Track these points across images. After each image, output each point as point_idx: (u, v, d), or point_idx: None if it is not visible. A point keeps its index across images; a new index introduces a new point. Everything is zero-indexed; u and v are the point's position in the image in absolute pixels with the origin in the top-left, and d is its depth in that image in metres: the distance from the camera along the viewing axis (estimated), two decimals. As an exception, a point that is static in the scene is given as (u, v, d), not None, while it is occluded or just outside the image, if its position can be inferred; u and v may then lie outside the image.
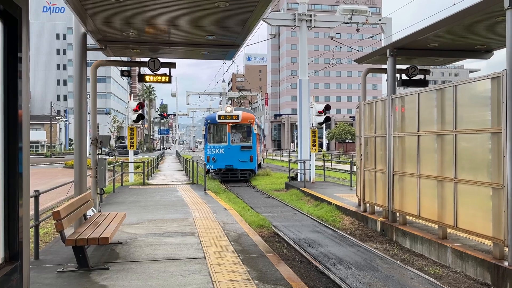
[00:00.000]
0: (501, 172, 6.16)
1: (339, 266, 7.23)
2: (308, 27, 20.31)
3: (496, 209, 6.29)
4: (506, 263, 6.06)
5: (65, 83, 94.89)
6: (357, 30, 21.32)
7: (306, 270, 7.03)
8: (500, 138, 6.19)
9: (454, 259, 7.06)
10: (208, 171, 21.17)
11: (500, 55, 8.76)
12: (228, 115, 21.90)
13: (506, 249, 6.15)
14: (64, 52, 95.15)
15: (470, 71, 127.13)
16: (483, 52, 9.89)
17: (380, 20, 21.74)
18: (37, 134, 76.82)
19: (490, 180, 6.41)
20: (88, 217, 7.28)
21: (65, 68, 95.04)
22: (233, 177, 21.70)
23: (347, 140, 73.19)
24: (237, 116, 21.99)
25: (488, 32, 8.14)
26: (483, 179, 6.58)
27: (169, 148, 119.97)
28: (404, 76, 10.51)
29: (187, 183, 18.76)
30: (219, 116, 22.00)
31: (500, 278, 6.06)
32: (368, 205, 10.66)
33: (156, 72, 9.45)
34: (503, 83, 6.07)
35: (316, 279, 6.63)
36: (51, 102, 77.12)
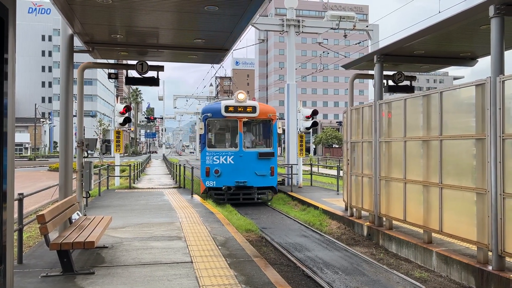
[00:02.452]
0: (485, 177, 6.26)
1: (326, 271, 7.25)
2: (296, 32, 20.44)
3: (480, 214, 6.39)
4: (490, 268, 6.15)
5: (50, 85, 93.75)
6: (345, 36, 21.52)
7: (293, 275, 7.03)
8: (484, 144, 6.30)
9: (439, 263, 7.13)
10: (207, 190, 14.76)
11: (484, 62, 8.93)
12: (240, 106, 14.85)
13: (490, 253, 6.24)
14: (50, 54, 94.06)
15: (455, 78, 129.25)
16: (468, 59, 10.06)
17: (367, 26, 21.99)
18: (20, 137, 75.62)
19: (475, 185, 6.51)
20: (73, 220, 7.17)
21: (50, 70, 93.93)
22: (247, 198, 14.77)
23: (333, 145, 73.63)
24: (253, 108, 15.00)
25: (472, 40, 8.29)
26: (468, 184, 6.68)
27: (155, 151, 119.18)
28: (390, 82, 10.63)
29: (173, 187, 18.64)
30: (227, 108, 14.79)
31: (484, 282, 6.14)
32: (354, 209, 10.72)
33: (144, 75, 9.40)
34: (487, 90, 6.19)
35: (303, 283, 6.64)
36: (35, 104, 76.09)
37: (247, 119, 15.07)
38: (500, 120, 5.96)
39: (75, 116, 9.15)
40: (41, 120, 79.59)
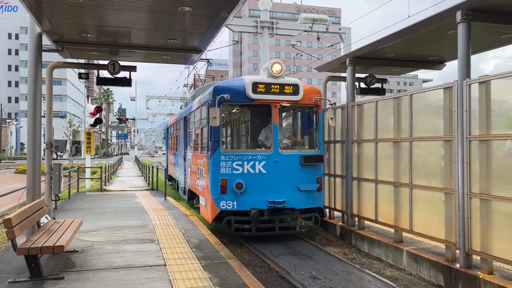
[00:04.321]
0: (453, 177, 6.45)
1: (299, 271, 7.29)
2: (270, 34, 20.53)
3: (448, 213, 6.58)
4: (457, 265, 6.34)
5: (16, 84, 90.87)
6: (318, 38, 21.74)
7: (268, 276, 7.05)
8: (452, 145, 6.50)
9: (410, 262, 7.30)
10: (222, 216, 9.15)
11: (451, 66, 9.21)
12: (276, 85, 9.45)
13: (457, 251, 6.43)
14: (17, 53, 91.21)
15: (424, 81, 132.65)
16: (436, 63, 10.35)
17: (339, 29, 22.31)
18: (-15, 138, 72.91)
19: (443, 185, 6.71)
20: (41, 224, 6.98)
21: (17, 69, 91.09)
22: (285, 227, 9.60)
23: (307, 146, 74.26)
24: (295, 88, 9.58)
25: (441, 44, 8.54)
26: (436, 184, 6.87)
27: (127, 153, 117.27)
28: (362, 85, 10.83)
29: (146, 189, 18.40)
30: (256, 86, 9.36)
31: (452, 280, 6.33)
32: (327, 210, 10.84)
33: (115, 75, 9.24)
34: (455, 93, 6.38)
35: (278, 284, 6.67)
36: (1, 104, 73.53)
37: (287, 104, 9.51)
38: (467, 122, 6.16)
39: (44, 117, 8.89)
40: (7, 120, 77.03)
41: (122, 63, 9.28)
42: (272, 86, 9.40)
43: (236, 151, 9.75)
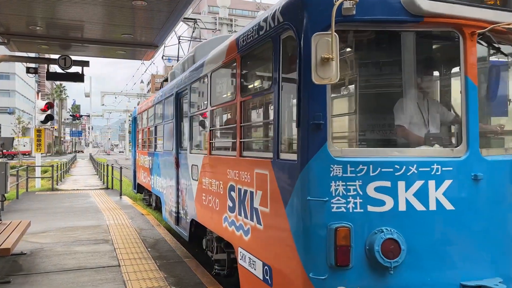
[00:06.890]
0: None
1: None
2: (229, 31, 20.49)
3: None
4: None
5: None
6: (276, 37, 21.90)
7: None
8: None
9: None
10: None
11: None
12: None
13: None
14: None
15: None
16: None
17: (297, 28, 22.59)
18: None
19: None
20: (-15, 226, 6.61)
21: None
22: None
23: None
24: None
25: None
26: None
27: (81, 151, 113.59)
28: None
29: (101, 188, 17.88)
30: None
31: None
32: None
33: (67, 71, 8.91)
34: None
35: (235, 282, 6.67)
36: None
37: (507, 27, 3.13)
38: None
39: (-11, 113, 8.44)
40: (-50, 116, 72.45)
41: (74, 57, 8.97)
42: None
43: (373, 154, 3.30)
